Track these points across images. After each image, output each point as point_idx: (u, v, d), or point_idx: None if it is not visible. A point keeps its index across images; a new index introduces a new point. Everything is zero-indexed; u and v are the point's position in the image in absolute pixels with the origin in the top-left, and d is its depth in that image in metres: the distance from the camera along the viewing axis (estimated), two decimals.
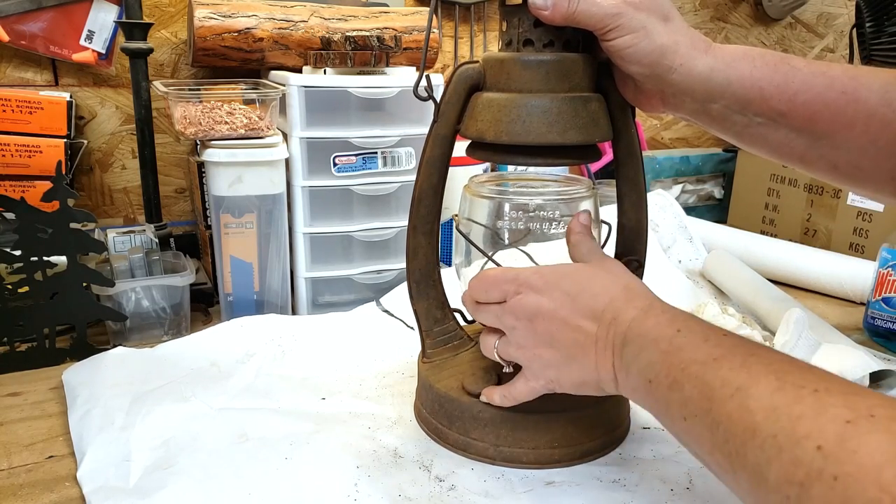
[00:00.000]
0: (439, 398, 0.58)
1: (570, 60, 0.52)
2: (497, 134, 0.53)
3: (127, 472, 0.53)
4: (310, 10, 0.95)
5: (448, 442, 0.58)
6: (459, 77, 0.55)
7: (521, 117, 0.52)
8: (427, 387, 0.60)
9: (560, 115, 0.52)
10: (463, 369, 0.60)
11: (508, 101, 0.52)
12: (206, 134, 0.80)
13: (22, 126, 0.86)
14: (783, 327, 0.73)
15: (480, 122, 0.54)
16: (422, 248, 0.61)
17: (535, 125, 0.52)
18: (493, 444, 0.56)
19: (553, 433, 0.55)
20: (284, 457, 0.56)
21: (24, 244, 0.69)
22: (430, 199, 0.59)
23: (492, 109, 0.53)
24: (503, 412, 0.55)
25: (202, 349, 0.74)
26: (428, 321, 0.63)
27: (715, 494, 0.53)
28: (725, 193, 1.38)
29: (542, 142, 0.52)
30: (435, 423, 0.59)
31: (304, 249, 0.88)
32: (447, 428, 0.58)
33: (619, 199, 0.61)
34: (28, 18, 0.89)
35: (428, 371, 0.61)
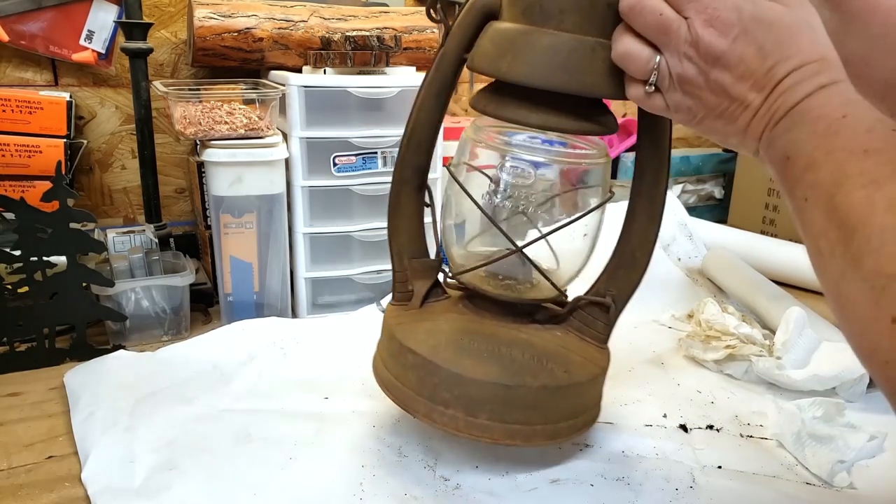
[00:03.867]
0: (413, 359, 0.53)
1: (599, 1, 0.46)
2: (498, 67, 0.47)
3: (131, 473, 0.53)
4: (310, 9, 0.95)
5: (413, 408, 0.54)
6: (473, 5, 0.51)
7: (530, 53, 0.46)
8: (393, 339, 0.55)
9: (575, 59, 0.46)
10: (443, 328, 0.56)
11: (518, 33, 0.47)
12: (206, 134, 0.80)
13: (22, 126, 0.86)
14: (783, 326, 0.73)
15: (485, 51, 0.49)
16: (409, 183, 0.56)
17: (544, 65, 0.46)
18: (467, 416, 0.52)
19: None
20: (289, 457, 0.56)
21: (23, 244, 0.68)
22: (424, 129, 0.55)
23: (499, 40, 0.48)
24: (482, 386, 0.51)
25: (204, 352, 0.74)
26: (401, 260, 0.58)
27: (719, 492, 0.53)
28: (725, 193, 1.38)
29: (548, 84, 0.46)
30: (399, 384, 0.54)
31: (304, 249, 0.88)
32: (415, 393, 0.53)
33: (630, 212, 0.57)
34: (28, 18, 0.89)
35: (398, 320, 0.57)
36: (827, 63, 0.42)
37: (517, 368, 0.52)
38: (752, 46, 0.42)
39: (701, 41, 0.42)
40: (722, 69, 0.42)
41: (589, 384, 0.55)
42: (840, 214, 0.36)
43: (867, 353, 0.35)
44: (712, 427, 0.63)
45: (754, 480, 0.55)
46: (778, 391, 0.70)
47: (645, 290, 0.90)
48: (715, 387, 0.71)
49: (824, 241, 0.37)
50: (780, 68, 0.42)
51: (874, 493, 0.54)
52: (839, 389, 0.68)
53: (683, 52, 0.43)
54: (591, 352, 0.57)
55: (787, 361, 0.70)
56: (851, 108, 0.40)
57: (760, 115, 0.43)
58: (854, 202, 0.36)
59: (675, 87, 0.44)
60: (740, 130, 0.44)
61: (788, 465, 0.58)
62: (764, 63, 0.42)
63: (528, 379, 0.52)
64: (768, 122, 0.43)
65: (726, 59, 0.42)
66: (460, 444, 0.58)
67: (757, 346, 0.74)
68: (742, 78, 0.42)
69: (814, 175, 0.39)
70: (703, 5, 0.42)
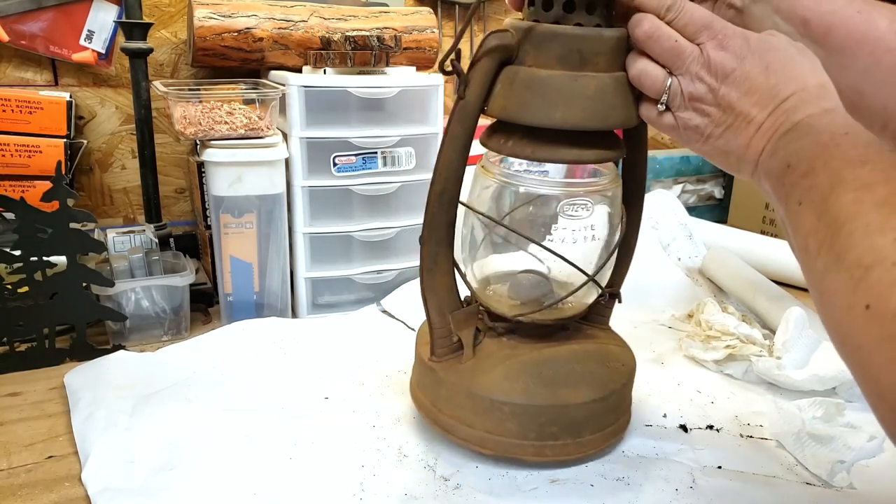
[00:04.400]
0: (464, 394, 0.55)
1: (624, 38, 0.49)
2: (549, 116, 0.48)
3: (132, 473, 0.53)
4: (310, 9, 0.95)
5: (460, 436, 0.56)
6: (489, 47, 0.49)
7: (580, 98, 0.48)
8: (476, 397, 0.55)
9: (617, 96, 0.49)
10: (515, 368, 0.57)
11: (555, 81, 0.48)
12: (206, 134, 0.80)
13: (22, 126, 0.86)
14: (783, 326, 0.73)
15: (522, 100, 0.49)
16: (444, 243, 0.55)
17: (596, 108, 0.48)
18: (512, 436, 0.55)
19: None
20: (289, 457, 0.56)
21: (23, 244, 0.68)
22: (454, 185, 0.53)
23: (541, 88, 0.48)
24: None
25: (204, 352, 0.74)
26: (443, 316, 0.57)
27: (719, 493, 0.53)
28: (726, 193, 1.38)
29: (602, 125, 0.49)
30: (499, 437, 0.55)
31: (304, 249, 0.88)
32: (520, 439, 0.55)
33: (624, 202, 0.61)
34: (28, 18, 0.89)
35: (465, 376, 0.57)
36: (827, 90, 0.46)
37: (600, 380, 0.57)
38: (759, 66, 0.46)
39: (713, 61, 0.46)
40: (730, 85, 0.46)
41: (634, 364, 0.62)
42: (831, 214, 0.38)
43: (841, 339, 0.37)
44: (712, 427, 0.63)
45: (754, 480, 0.55)
46: (778, 391, 0.70)
47: (645, 290, 0.90)
48: (715, 387, 0.72)
49: (812, 239, 0.39)
50: (785, 88, 0.45)
51: (874, 493, 0.54)
52: (839, 389, 0.68)
53: (695, 73, 0.47)
54: (611, 336, 0.64)
55: (787, 361, 0.70)
56: (854, 129, 0.42)
57: (764, 130, 0.45)
58: (844, 203, 0.37)
59: (685, 105, 0.48)
60: (742, 146, 0.46)
61: (788, 465, 0.58)
62: (768, 80, 0.45)
63: (613, 385, 0.57)
64: (771, 136, 0.45)
65: (735, 75, 0.46)
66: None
67: (757, 346, 0.74)
68: (748, 93, 0.46)
69: (810, 180, 0.40)
70: (715, 31, 0.46)
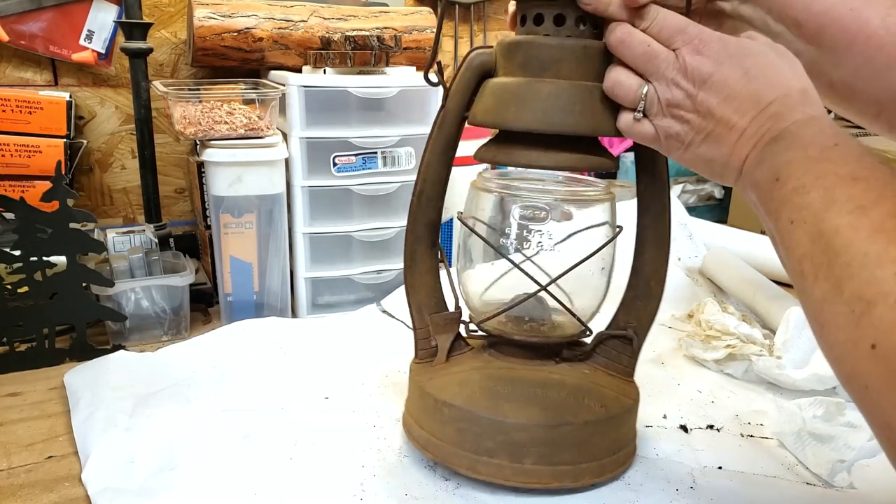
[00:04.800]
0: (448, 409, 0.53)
1: (592, 47, 0.49)
2: (504, 118, 0.50)
3: (132, 473, 0.53)
4: (309, 9, 0.95)
5: (455, 464, 0.53)
6: (471, 62, 0.53)
7: (533, 101, 0.48)
8: (425, 395, 0.55)
9: (576, 103, 0.48)
10: (475, 378, 0.56)
11: (520, 85, 0.49)
12: (206, 134, 0.80)
13: (21, 126, 0.86)
14: (783, 325, 0.73)
15: (488, 106, 0.51)
16: (422, 240, 0.58)
17: (549, 111, 0.48)
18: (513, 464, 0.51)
19: None
20: (289, 457, 0.56)
21: (23, 244, 0.68)
22: (433, 187, 0.56)
23: (501, 93, 0.50)
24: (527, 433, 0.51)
25: (203, 352, 0.74)
26: (422, 317, 0.59)
27: (719, 493, 0.53)
28: (726, 193, 1.38)
29: (552, 128, 0.48)
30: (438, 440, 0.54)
31: (304, 249, 0.88)
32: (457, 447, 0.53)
33: (638, 243, 0.58)
34: (28, 18, 0.89)
35: (427, 376, 0.57)
36: (810, 95, 0.45)
37: (557, 408, 0.53)
38: (738, 71, 0.44)
39: (689, 66, 0.45)
40: (708, 91, 0.45)
41: (626, 416, 0.56)
42: (826, 238, 0.37)
43: (847, 377, 0.36)
44: (712, 427, 0.63)
45: (755, 480, 0.55)
46: (778, 391, 0.70)
47: None
48: (715, 387, 0.71)
49: (808, 264, 0.38)
50: (766, 93, 0.44)
51: (874, 492, 0.54)
52: (839, 389, 0.68)
53: (671, 79, 0.46)
54: (621, 385, 0.57)
55: (788, 361, 0.70)
56: (842, 139, 0.41)
57: (747, 137, 0.44)
58: (840, 226, 0.37)
59: (663, 112, 0.47)
60: (725, 154, 0.45)
61: (789, 464, 0.58)
62: (749, 86, 0.44)
63: (570, 417, 0.52)
64: (756, 144, 0.44)
65: (712, 80, 0.44)
66: None
67: (757, 345, 0.74)
68: (727, 99, 0.44)
69: (802, 198, 0.40)
70: (691, 36, 0.45)
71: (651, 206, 0.57)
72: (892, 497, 0.54)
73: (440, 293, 0.59)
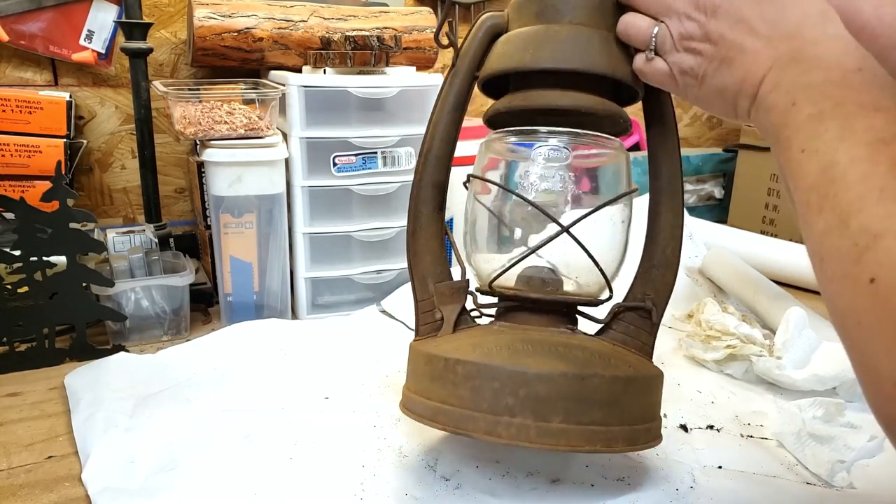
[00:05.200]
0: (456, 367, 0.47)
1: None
2: (521, 60, 0.50)
3: (132, 474, 0.53)
4: (309, 9, 0.95)
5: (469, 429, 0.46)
6: (482, 24, 0.53)
7: (552, 41, 0.49)
8: (433, 359, 0.49)
9: (593, 44, 0.49)
10: (490, 340, 0.50)
11: (538, 30, 0.50)
12: (206, 134, 0.80)
13: (21, 126, 0.86)
14: (783, 326, 0.73)
15: (504, 52, 0.51)
16: (428, 202, 0.55)
17: (567, 50, 0.49)
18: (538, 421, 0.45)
19: None
20: (289, 457, 0.56)
21: (23, 244, 0.68)
22: (442, 144, 0.54)
23: (517, 40, 0.50)
24: None
25: (204, 353, 0.74)
26: (425, 287, 0.55)
27: (719, 492, 0.53)
28: (725, 193, 1.38)
29: (573, 65, 0.48)
30: (449, 406, 0.47)
31: (304, 249, 0.88)
32: (471, 409, 0.46)
33: (652, 212, 0.56)
34: (28, 18, 0.89)
35: (431, 345, 0.51)
36: (830, 15, 0.42)
37: (583, 362, 0.47)
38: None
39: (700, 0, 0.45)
40: (720, 18, 0.45)
41: (655, 382, 0.52)
42: (838, 169, 0.35)
43: (841, 312, 0.34)
44: (712, 427, 0.63)
45: (754, 480, 0.55)
46: (778, 391, 0.70)
47: None
48: (715, 387, 0.71)
49: (815, 195, 0.36)
50: (782, 14, 0.42)
51: (874, 493, 0.54)
52: (839, 389, 0.68)
53: (683, 13, 0.46)
54: (642, 360, 0.54)
55: (788, 361, 0.70)
56: (867, 63, 0.39)
57: (763, 58, 0.43)
58: (855, 158, 0.35)
59: (676, 48, 0.47)
60: (738, 79, 0.44)
61: (788, 465, 0.58)
62: (762, 8, 0.43)
63: (599, 370, 0.46)
64: (773, 65, 0.42)
65: (724, 7, 0.44)
66: (461, 444, 0.58)
67: (757, 345, 0.74)
68: (739, 22, 0.44)
69: (816, 125, 0.37)
70: None
71: (662, 169, 0.55)
72: (893, 497, 0.54)
73: (446, 263, 0.56)
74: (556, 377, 0.45)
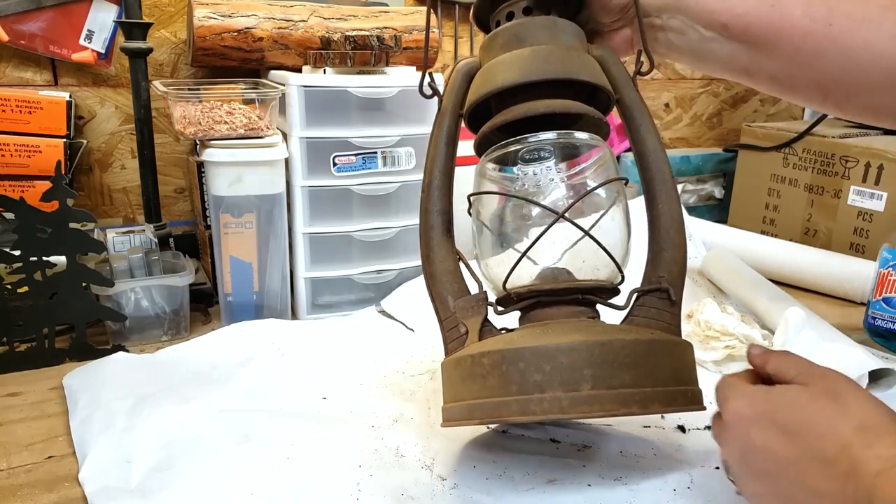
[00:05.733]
0: None
1: (561, 20, 0.55)
2: (494, 83, 0.53)
3: (129, 474, 0.53)
4: (309, 9, 0.95)
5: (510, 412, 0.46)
6: (459, 70, 0.58)
7: (519, 61, 0.53)
8: (461, 361, 0.50)
9: (556, 55, 0.53)
10: (514, 335, 0.51)
11: (504, 56, 0.54)
12: (206, 134, 0.80)
13: (21, 126, 0.86)
14: (782, 326, 0.73)
15: (479, 83, 0.55)
16: (437, 228, 0.58)
17: (533, 64, 0.52)
18: None
19: None
20: (286, 457, 0.56)
21: (23, 244, 0.69)
22: (441, 176, 0.58)
23: (488, 69, 0.55)
24: None
25: (202, 353, 0.74)
26: (446, 306, 0.56)
27: (716, 494, 0.53)
28: (725, 193, 1.38)
29: (541, 74, 0.52)
30: (481, 400, 0.48)
31: (304, 249, 0.88)
32: (501, 395, 0.47)
33: (649, 200, 0.57)
34: (28, 18, 0.89)
35: None
36: (870, 430, 0.38)
37: (605, 331, 0.49)
38: (773, 427, 0.41)
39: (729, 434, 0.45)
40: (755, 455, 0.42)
41: (683, 347, 0.51)
42: None
43: None
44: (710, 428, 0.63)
45: None
46: None
47: None
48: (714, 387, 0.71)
49: None
50: (824, 445, 0.38)
51: None
52: None
53: None
54: (667, 334, 0.53)
55: None
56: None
57: None
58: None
59: None
60: None
61: None
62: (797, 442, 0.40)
63: (620, 336, 0.47)
64: None
65: (754, 446, 0.42)
66: (458, 444, 0.59)
67: None
68: (793, 462, 0.40)
69: None
70: None
71: (648, 158, 0.57)
72: None
73: (462, 280, 0.57)
74: (577, 346, 0.46)
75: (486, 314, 0.55)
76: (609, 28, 0.60)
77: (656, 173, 0.57)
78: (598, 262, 0.55)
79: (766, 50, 0.55)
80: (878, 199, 1.05)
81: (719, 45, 0.57)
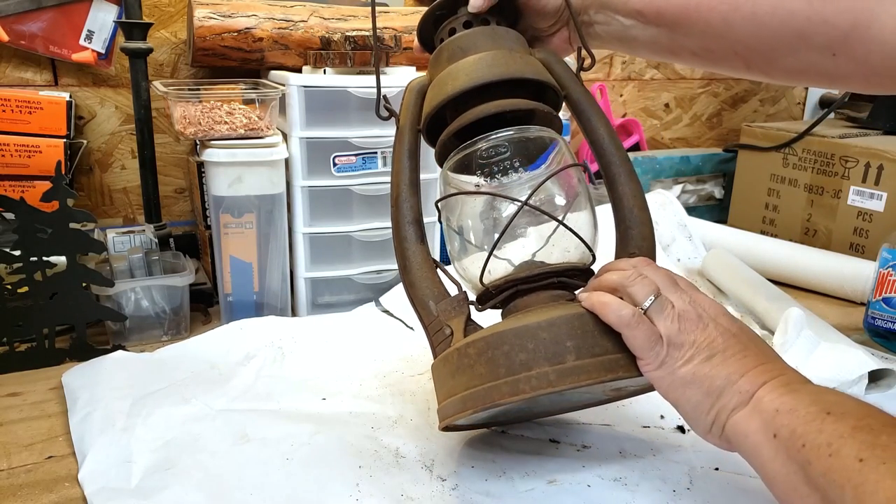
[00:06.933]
0: None
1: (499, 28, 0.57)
2: (445, 92, 0.55)
3: (128, 474, 0.53)
4: (309, 9, 0.95)
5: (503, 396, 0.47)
6: (411, 89, 0.60)
7: (465, 68, 0.54)
8: (448, 358, 0.51)
9: (499, 58, 0.54)
10: (498, 327, 0.52)
11: (450, 67, 0.56)
12: (206, 134, 0.80)
13: (21, 126, 0.86)
14: (781, 326, 0.73)
15: (430, 96, 0.57)
16: (410, 239, 0.59)
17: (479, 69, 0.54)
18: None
19: None
20: (286, 457, 0.56)
21: (23, 244, 0.69)
22: (408, 188, 0.59)
23: (438, 81, 0.56)
24: None
25: (202, 352, 0.74)
26: (429, 311, 0.57)
27: (715, 495, 0.53)
28: (725, 193, 1.38)
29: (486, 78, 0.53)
30: (472, 389, 0.49)
31: (304, 249, 0.88)
32: (491, 380, 0.48)
33: (609, 183, 0.59)
34: (28, 18, 0.89)
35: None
36: None
37: (577, 308, 0.50)
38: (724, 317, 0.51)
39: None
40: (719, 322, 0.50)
41: None
42: None
43: None
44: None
45: (751, 482, 0.55)
46: None
47: None
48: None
49: None
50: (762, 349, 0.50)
51: None
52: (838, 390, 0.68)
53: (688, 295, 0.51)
54: None
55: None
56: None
57: (768, 366, 0.48)
58: None
59: (673, 319, 0.49)
60: (735, 371, 0.47)
61: None
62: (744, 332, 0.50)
63: None
64: (776, 378, 0.47)
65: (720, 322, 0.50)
66: (458, 445, 0.59)
67: None
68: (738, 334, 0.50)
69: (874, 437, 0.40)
70: None
71: (602, 144, 0.59)
72: None
73: (440, 283, 0.58)
74: (556, 320, 0.48)
75: (469, 313, 0.56)
76: (547, 33, 0.63)
77: (612, 157, 0.59)
78: (567, 244, 0.57)
79: (681, 29, 0.57)
80: (877, 200, 1.05)
81: (640, 30, 0.59)
